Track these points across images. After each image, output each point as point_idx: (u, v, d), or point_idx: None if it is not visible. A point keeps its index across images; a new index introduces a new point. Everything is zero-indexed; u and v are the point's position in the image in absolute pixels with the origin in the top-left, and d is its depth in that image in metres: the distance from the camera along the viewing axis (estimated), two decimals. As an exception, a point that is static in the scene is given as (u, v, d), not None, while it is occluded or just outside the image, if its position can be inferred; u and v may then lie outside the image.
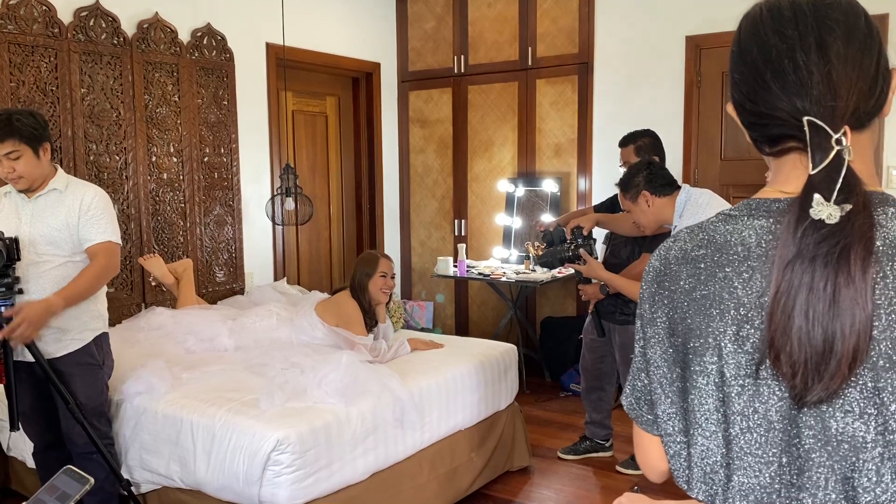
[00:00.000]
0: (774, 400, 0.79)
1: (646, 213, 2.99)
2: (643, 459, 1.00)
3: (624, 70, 4.81)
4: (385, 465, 2.89)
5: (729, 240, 0.84)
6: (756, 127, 0.86)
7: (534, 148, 5.23)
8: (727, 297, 0.82)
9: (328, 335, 3.37)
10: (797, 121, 0.78)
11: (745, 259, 0.82)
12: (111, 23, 3.85)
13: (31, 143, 2.58)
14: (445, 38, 5.53)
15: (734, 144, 4.50)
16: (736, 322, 0.80)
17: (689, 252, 0.87)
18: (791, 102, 0.79)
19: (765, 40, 0.82)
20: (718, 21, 4.38)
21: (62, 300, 2.54)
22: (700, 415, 0.84)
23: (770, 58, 0.81)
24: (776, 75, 0.80)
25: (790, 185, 0.83)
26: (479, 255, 5.50)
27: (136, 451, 2.85)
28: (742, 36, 0.86)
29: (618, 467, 3.65)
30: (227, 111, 4.46)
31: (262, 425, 2.57)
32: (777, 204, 0.83)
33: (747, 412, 0.80)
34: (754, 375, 0.79)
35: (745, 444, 0.80)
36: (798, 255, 0.73)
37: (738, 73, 0.86)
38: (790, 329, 0.73)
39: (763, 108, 0.82)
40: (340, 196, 5.55)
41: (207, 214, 4.38)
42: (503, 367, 3.56)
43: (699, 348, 0.83)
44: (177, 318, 3.57)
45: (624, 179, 3.05)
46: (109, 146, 3.88)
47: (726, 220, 0.86)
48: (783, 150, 0.84)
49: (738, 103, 0.87)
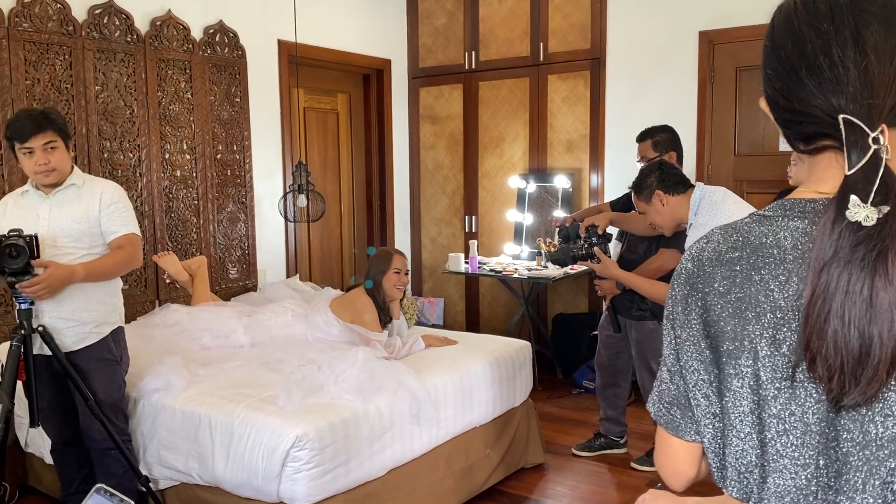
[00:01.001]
0: (811, 403, 0.78)
1: (661, 213, 2.98)
2: (669, 466, 0.97)
3: (636, 66, 4.79)
4: (402, 461, 2.90)
5: (764, 241, 0.82)
6: (790, 124, 0.84)
7: (545, 144, 5.22)
8: (763, 300, 0.80)
9: (343, 332, 3.37)
10: (833, 119, 0.77)
11: (782, 261, 0.80)
12: (125, 20, 3.86)
13: (64, 137, 2.68)
14: (456, 35, 5.52)
15: (748, 140, 4.49)
16: (772, 325, 0.79)
17: (724, 254, 0.85)
18: (826, 100, 0.77)
19: (799, 35, 0.80)
20: (732, 16, 4.36)
21: (84, 271, 2.60)
22: (735, 417, 0.83)
23: (805, 53, 0.79)
24: (811, 72, 0.78)
25: (825, 185, 0.81)
26: (491, 252, 5.50)
27: (154, 448, 2.86)
28: (775, 30, 0.84)
29: (633, 464, 3.65)
30: (240, 108, 4.46)
31: (280, 422, 2.57)
32: (813, 205, 0.81)
33: (783, 415, 0.79)
34: (790, 378, 0.78)
35: (781, 447, 0.79)
36: (834, 257, 0.72)
37: (771, 68, 0.84)
38: (826, 332, 0.72)
39: (797, 105, 0.80)
40: (351, 193, 5.55)
41: (220, 211, 4.38)
42: (518, 363, 3.56)
43: (734, 351, 0.82)
44: (192, 314, 3.58)
45: (636, 181, 3.04)
46: (123, 143, 3.89)
47: (761, 220, 0.85)
48: (818, 148, 0.82)
49: (771, 99, 0.85)
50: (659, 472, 1.00)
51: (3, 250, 2.42)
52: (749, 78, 4.43)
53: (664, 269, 3.20)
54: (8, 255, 2.42)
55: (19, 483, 3.33)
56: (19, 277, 2.48)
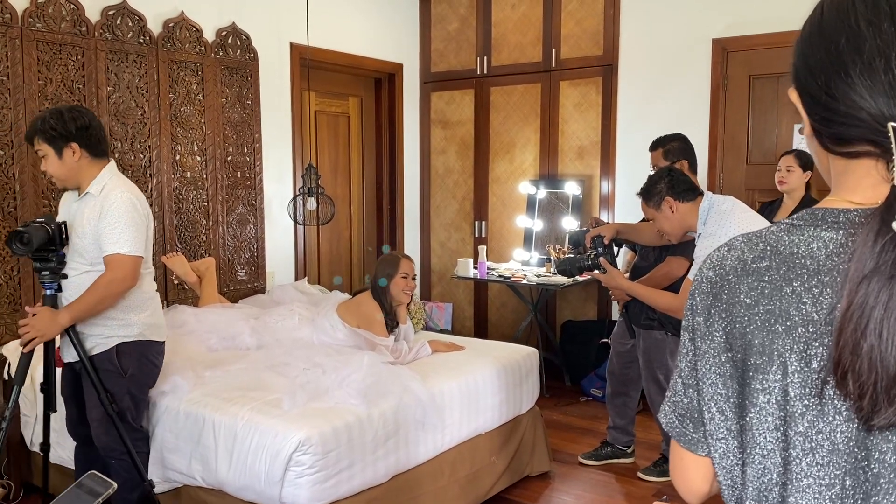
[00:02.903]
0: (839, 420, 0.75)
1: (670, 220, 2.95)
2: (682, 481, 0.94)
3: (649, 73, 4.77)
4: (406, 467, 2.88)
5: (795, 251, 0.79)
6: (829, 123, 0.79)
7: (556, 150, 5.20)
8: (794, 314, 0.77)
9: (349, 336, 3.36)
10: (880, 126, 0.73)
11: (816, 273, 0.77)
12: (137, 21, 3.87)
13: (52, 144, 2.57)
14: (468, 40, 5.51)
15: (760, 149, 4.45)
16: (804, 339, 0.76)
17: (750, 263, 0.82)
18: (876, 104, 0.73)
19: (856, 31, 0.74)
20: (746, 24, 4.33)
21: (68, 316, 2.52)
22: (759, 433, 0.80)
23: (861, 51, 0.74)
24: (865, 72, 0.74)
25: (858, 195, 0.78)
26: (500, 258, 5.48)
27: (157, 449, 2.85)
28: (825, 20, 0.78)
29: (640, 474, 3.61)
30: (251, 111, 4.47)
31: (284, 425, 2.56)
32: (846, 215, 0.78)
33: (810, 433, 0.76)
34: (819, 395, 0.75)
35: (806, 466, 0.76)
36: (875, 270, 0.69)
37: (815, 60, 0.78)
38: (861, 348, 0.69)
39: (843, 105, 0.76)
40: (361, 196, 5.55)
41: (230, 213, 4.39)
42: (524, 370, 3.53)
43: (761, 365, 0.79)
44: (199, 316, 3.57)
45: (645, 188, 3.02)
46: (134, 144, 3.90)
47: (790, 229, 0.81)
48: (855, 153, 0.78)
49: (808, 93, 0.80)
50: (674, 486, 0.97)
51: (16, 235, 2.42)
52: (762, 86, 4.40)
53: (671, 277, 3.18)
54: (19, 241, 2.42)
55: (24, 482, 3.34)
56: (43, 264, 2.51)
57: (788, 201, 3.84)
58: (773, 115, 4.38)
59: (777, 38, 4.22)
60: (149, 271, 2.76)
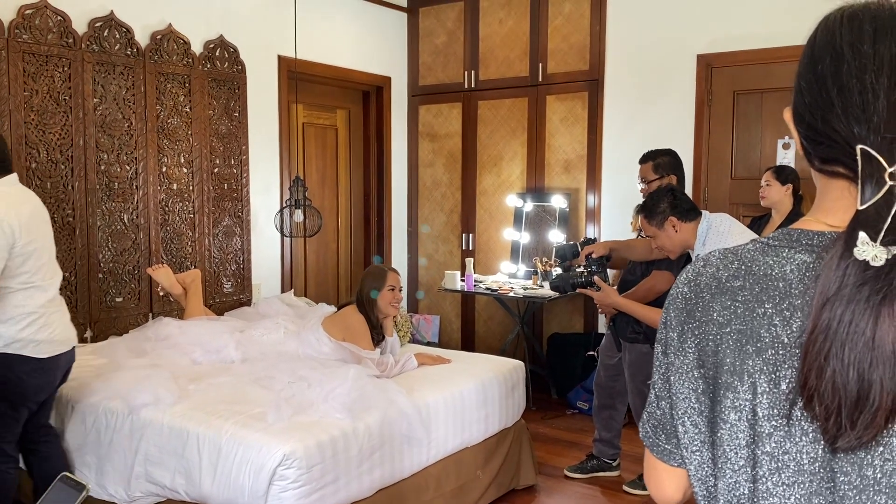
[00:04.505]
0: (806, 442, 0.75)
1: (672, 239, 2.97)
2: (656, 490, 0.96)
3: (634, 87, 4.81)
4: (391, 481, 2.87)
5: (769, 273, 0.79)
6: (810, 142, 0.80)
7: (543, 163, 5.23)
8: (765, 335, 0.77)
9: (335, 350, 3.36)
10: (851, 147, 0.73)
11: (787, 296, 0.77)
12: (125, 34, 3.87)
13: None
14: (456, 54, 5.55)
15: (745, 164, 4.49)
16: (773, 362, 0.76)
17: (724, 282, 0.82)
18: (849, 126, 0.73)
19: (838, 52, 0.75)
20: (731, 40, 4.38)
21: None
22: (730, 449, 0.81)
23: (840, 72, 0.75)
24: (841, 93, 0.74)
25: (834, 217, 0.78)
26: (487, 270, 5.49)
27: (141, 463, 2.83)
28: (817, 41, 0.79)
29: (625, 487, 3.62)
30: (238, 123, 4.47)
31: (268, 439, 2.55)
32: (820, 238, 0.78)
33: (777, 453, 0.76)
34: (787, 416, 0.75)
35: (773, 486, 0.77)
36: (837, 293, 0.69)
37: (805, 80, 0.79)
38: (825, 371, 0.69)
39: (821, 125, 0.76)
40: (349, 209, 5.55)
41: (216, 225, 4.38)
42: (511, 383, 3.54)
43: (732, 384, 0.79)
44: (184, 328, 3.56)
45: (648, 206, 3.02)
46: (120, 156, 3.89)
47: (765, 250, 0.81)
48: (833, 172, 0.78)
49: (797, 112, 0.81)
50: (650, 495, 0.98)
51: None
52: (746, 102, 4.44)
53: (656, 291, 3.20)
54: None
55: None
56: None
57: (776, 216, 3.88)
58: (757, 130, 4.43)
59: (761, 54, 4.27)
60: (32, 285, 2.63)
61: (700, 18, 4.52)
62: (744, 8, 4.35)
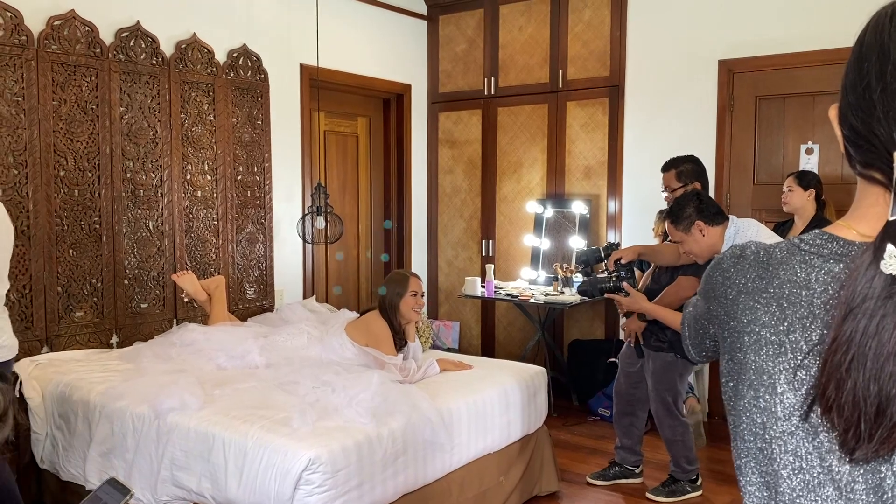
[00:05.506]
0: (827, 446, 0.74)
1: (699, 243, 2.96)
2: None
3: (655, 93, 4.80)
4: (415, 486, 2.88)
5: (794, 279, 0.77)
6: (852, 144, 0.76)
7: (563, 170, 5.23)
8: (784, 340, 0.77)
9: (358, 355, 3.37)
10: (889, 153, 0.70)
11: (809, 304, 0.76)
12: (150, 43, 3.93)
13: None
14: (476, 61, 5.57)
15: (767, 169, 4.47)
16: (792, 367, 0.76)
17: (750, 282, 0.82)
18: (889, 130, 0.70)
19: (885, 50, 0.71)
20: (752, 45, 4.37)
21: None
22: (749, 440, 0.81)
23: (884, 72, 0.70)
24: (885, 94, 0.70)
25: (864, 224, 0.76)
26: (507, 276, 5.49)
27: (167, 468, 2.86)
28: (866, 38, 0.74)
29: (648, 494, 3.60)
30: (261, 131, 4.51)
31: (294, 444, 2.57)
32: (849, 247, 0.76)
33: (800, 452, 0.76)
34: (805, 419, 0.75)
35: (798, 485, 0.76)
36: (861, 305, 0.67)
37: (850, 79, 0.76)
38: (845, 384, 0.68)
39: (861, 126, 0.73)
40: (370, 215, 5.58)
41: (240, 232, 4.42)
42: (533, 390, 3.53)
43: (754, 382, 0.79)
44: (208, 334, 3.59)
45: (674, 211, 3.01)
46: (146, 164, 3.94)
47: (795, 252, 0.79)
48: (871, 177, 0.76)
49: (842, 111, 0.77)
50: None
51: None
52: (768, 107, 4.42)
53: (682, 298, 3.18)
54: None
55: (35, 500, 3.34)
56: None
57: (798, 222, 3.86)
58: (779, 135, 4.41)
59: (783, 59, 4.25)
60: None
61: (721, 24, 4.51)
62: (765, 13, 4.34)
